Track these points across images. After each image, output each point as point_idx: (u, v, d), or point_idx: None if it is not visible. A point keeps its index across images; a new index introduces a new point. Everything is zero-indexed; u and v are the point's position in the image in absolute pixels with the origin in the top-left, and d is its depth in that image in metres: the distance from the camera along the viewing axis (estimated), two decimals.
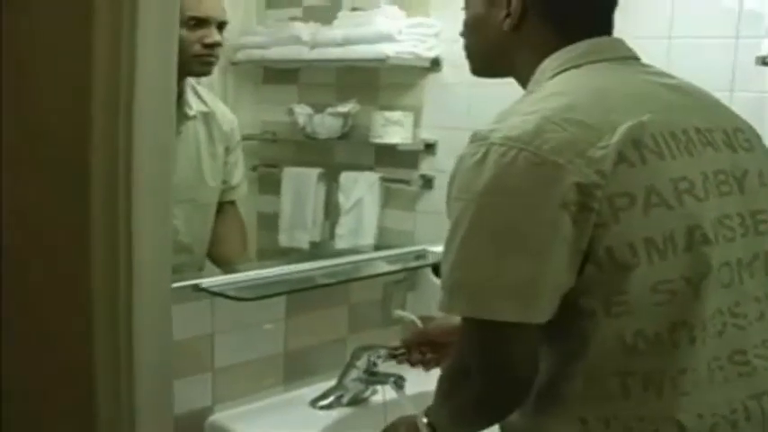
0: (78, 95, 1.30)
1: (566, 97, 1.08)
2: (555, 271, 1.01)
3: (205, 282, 1.60)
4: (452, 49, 2.33)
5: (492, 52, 1.24)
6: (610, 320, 1.04)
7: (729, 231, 1.09)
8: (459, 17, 1.30)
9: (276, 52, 2.59)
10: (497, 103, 2.26)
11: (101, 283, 1.36)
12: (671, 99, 1.15)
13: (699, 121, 1.12)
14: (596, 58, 1.16)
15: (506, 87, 1.27)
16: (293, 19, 2.62)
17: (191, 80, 1.97)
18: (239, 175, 2.14)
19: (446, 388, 1.19)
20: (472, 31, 1.26)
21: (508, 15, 1.18)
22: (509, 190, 1.02)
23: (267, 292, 1.65)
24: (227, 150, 2.08)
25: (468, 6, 1.27)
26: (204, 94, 2.04)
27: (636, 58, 1.22)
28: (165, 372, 1.44)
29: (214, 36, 1.87)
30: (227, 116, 2.12)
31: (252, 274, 1.70)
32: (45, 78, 1.34)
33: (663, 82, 1.18)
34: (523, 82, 1.21)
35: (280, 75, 2.72)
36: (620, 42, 1.22)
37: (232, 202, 2.13)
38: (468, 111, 2.30)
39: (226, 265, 1.97)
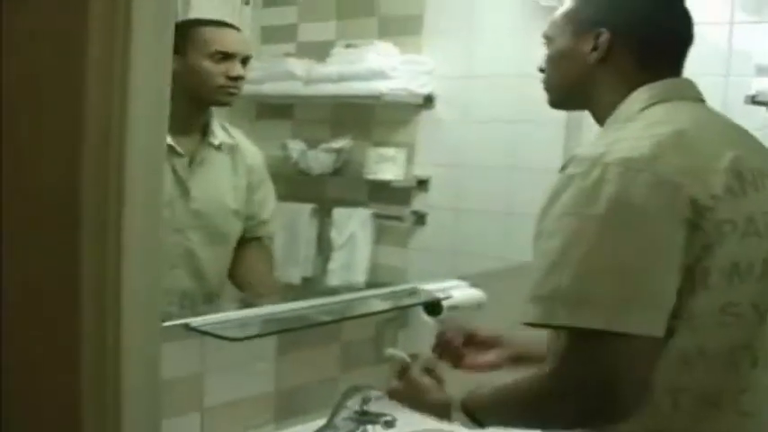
0: (69, 141, 1.30)
1: (671, 126, 1.14)
2: (671, 286, 1.06)
3: (195, 321, 1.59)
4: (445, 86, 2.36)
5: (575, 85, 1.30)
6: (673, 338, 1.08)
7: None
8: (451, 54, 1.33)
9: (270, 88, 2.59)
10: (489, 140, 2.28)
11: (88, 321, 1.35)
12: (744, 139, 1.24)
13: (761, 162, 1.20)
14: (679, 96, 1.24)
15: (499, 125, 1.29)
16: (287, 55, 2.63)
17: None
18: (269, 210, 2.14)
19: (522, 405, 1.18)
20: (557, 64, 1.32)
21: (595, 49, 1.25)
22: (632, 208, 1.06)
23: (258, 332, 1.64)
24: (251, 185, 2.09)
25: (552, 41, 1.33)
26: (230, 128, 2.06)
27: (703, 100, 1.28)
28: (154, 411, 1.42)
29: (238, 70, 1.96)
30: (250, 150, 2.14)
31: (242, 312, 1.68)
32: (34, 126, 1.34)
33: (731, 123, 1.27)
34: (601, 114, 1.27)
35: (273, 110, 2.72)
36: (694, 84, 1.29)
37: (259, 239, 2.12)
38: (461, 148, 2.31)
39: (255, 297, 1.97)
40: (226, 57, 1.94)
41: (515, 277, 1.68)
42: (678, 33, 1.28)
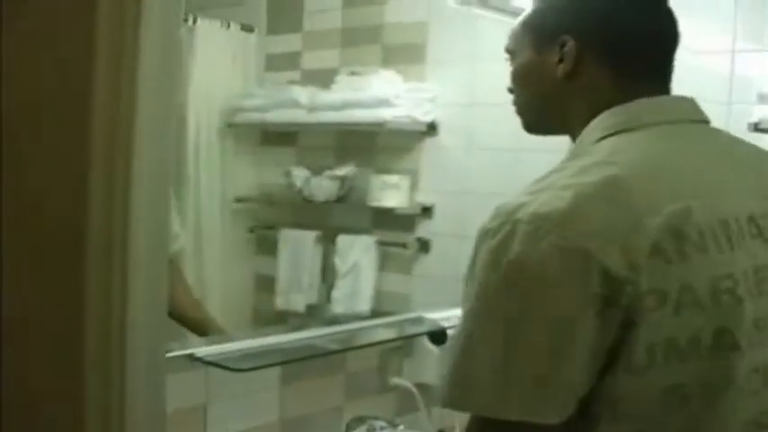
0: (76, 166, 1.31)
1: (611, 169, 0.95)
2: (571, 370, 0.90)
3: (200, 351, 1.59)
4: (448, 114, 2.37)
5: (545, 105, 1.12)
6: (612, 426, 0.94)
7: (762, 335, 0.96)
8: (455, 82, 1.27)
9: (274, 115, 2.61)
10: (493, 168, 2.29)
11: (92, 352, 1.35)
12: (730, 177, 1.01)
13: (755, 206, 0.99)
14: (654, 120, 1.03)
15: (502, 153, 1.25)
16: (291, 82, 2.65)
17: None
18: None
19: None
20: (521, 81, 1.14)
21: (561, 60, 1.06)
22: (531, 276, 0.90)
23: (262, 362, 1.64)
24: None
25: (514, 57, 1.15)
26: None
27: (703, 121, 1.08)
28: None
29: None
30: None
31: (247, 342, 1.68)
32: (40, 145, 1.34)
33: (726, 152, 1.07)
34: (575, 138, 1.09)
35: (278, 137, 2.74)
36: (686, 102, 1.08)
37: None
38: (464, 175, 2.31)
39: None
40: None
41: None
42: (658, 34, 1.08)
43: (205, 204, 2.59)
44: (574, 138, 1.09)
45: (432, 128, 2.35)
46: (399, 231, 2.39)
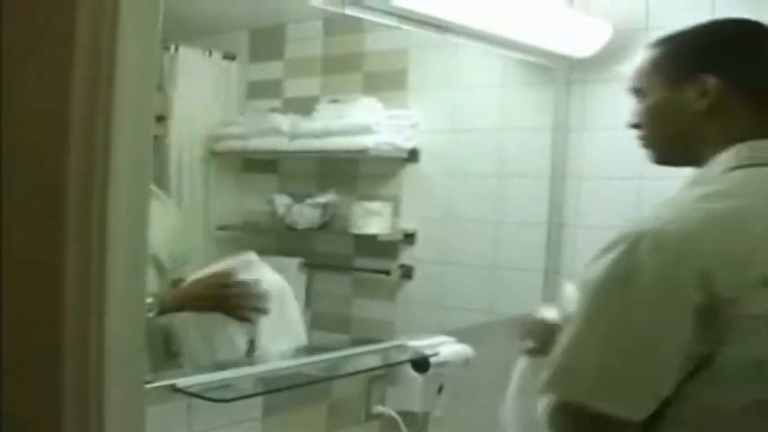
0: (50, 196, 1.30)
1: (736, 200, 1.06)
2: (662, 373, 1.01)
3: (181, 382, 1.57)
4: (429, 141, 2.38)
5: (680, 139, 1.20)
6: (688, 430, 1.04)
7: None
8: (435, 109, 1.29)
9: (256, 143, 2.61)
10: (474, 194, 2.29)
11: (70, 382, 1.33)
12: None
13: None
14: None
15: (484, 179, 1.26)
16: (273, 110, 2.65)
17: None
18: None
19: None
20: (656, 118, 1.22)
21: (702, 96, 1.15)
22: (643, 283, 1.00)
23: (245, 392, 1.63)
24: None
25: (643, 95, 1.23)
26: None
27: None
28: None
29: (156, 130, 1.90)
30: (171, 202, 2.16)
31: (229, 372, 1.67)
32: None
33: None
34: (701, 166, 1.17)
35: (260, 165, 2.74)
36: None
37: None
38: (446, 201, 2.32)
39: None
40: None
41: (503, 331, 1.68)
42: None
43: (188, 232, 2.58)
44: (699, 166, 1.17)
45: (413, 154, 2.36)
46: (382, 258, 2.39)
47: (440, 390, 1.89)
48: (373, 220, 2.35)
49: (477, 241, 2.30)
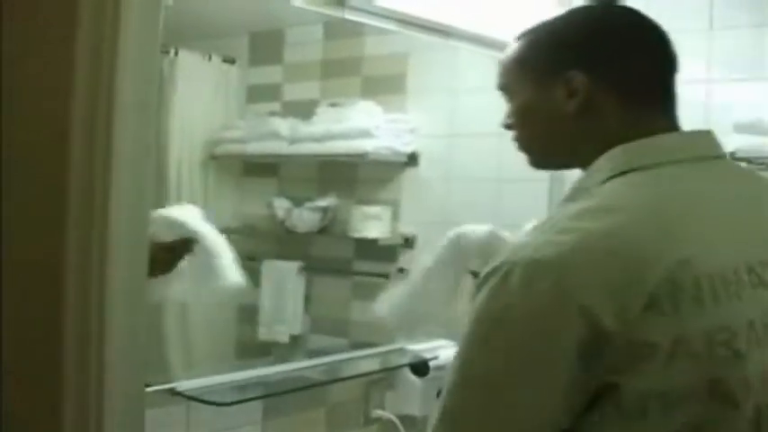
0: (52, 202, 1.30)
1: (615, 216, 0.93)
2: (551, 412, 0.91)
3: (181, 385, 1.58)
4: (429, 145, 2.39)
5: (555, 139, 1.10)
6: None
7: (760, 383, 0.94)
8: (435, 113, 1.27)
9: (256, 147, 2.61)
10: (473, 198, 2.29)
11: (70, 386, 1.33)
12: (737, 222, 0.99)
13: (761, 253, 0.97)
14: (665, 159, 1.00)
15: (483, 183, 1.25)
16: (272, 114, 2.66)
17: None
18: None
19: None
20: (526, 118, 1.12)
21: (571, 95, 1.04)
22: (519, 324, 0.90)
23: (244, 396, 1.63)
24: None
25: (510, 94, 1.15)
26: None
27: (717, 156, 1.05)
28: None
29: None
30: None
31: (229, 376, 1.67)
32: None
33: (738, 193, 1.04)
34: (584, 166, 1.06)
35: (259, 168, 2.74)
36: (703, 137, 1.06)
37: None
38: (445, 205, 2.32)
39: None
40: None
41: None
42: (661, 62, 1.08)
43: None
44: (584, 169, 1.06)
45: (412, 159, 2.36)
46: (381, 262, 2.40)
47: (439, 394, 1.89)
48: (372, 224, 2.35)
49: None
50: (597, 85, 1.04)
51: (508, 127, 1.16)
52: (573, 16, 1.12)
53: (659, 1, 2.09)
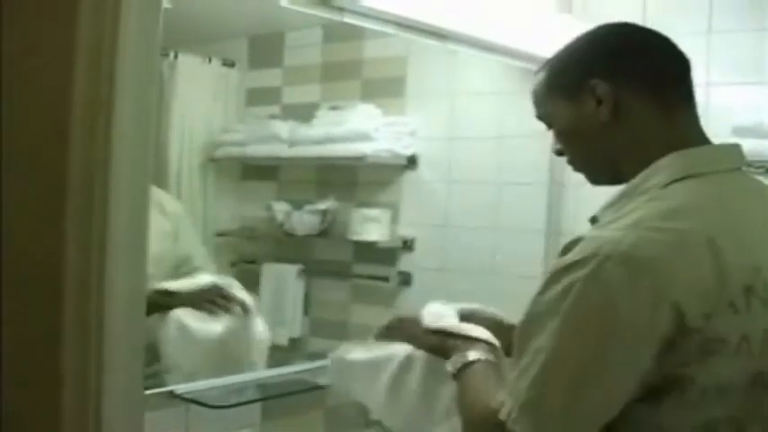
0: (51, 200, 1.30)
1: (701, 220, 1.00)
2: (615, 400, 0.98)
3: (180, 388, 1.58)
4: (428, 148, 2.39)
5: (599, 151, 1.14)
6: None
7: None
8: (434, 115, 1.27)
9: (255, 150, 2.62)
10: (473, 201, 2.29)
11: (69, 390, 1.33)
12: (765, 229, 1.07)
13: None
14: (713, 168, 1.07)
15: (482, 186, 1.25)
16: (272, 117, 2.66)
17: None
18: (200, 257, 2.13)
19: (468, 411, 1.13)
20: (569, 138, 1.17)
21: (599, 103, 1.10)
22: (619, 315, 0.95)
23: (242, 399, 1.63)
24: (176, 233, 2.07)
25: (551, 121, 1.19)
26: None
27: (740, 167, 1.13)
28: None
29: None
30: (167, 197, 2.14)
31: (227, 379, 1.67)
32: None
33: (762, 199, 1.11)
34: (630, 175, 1.10)
35: (259, 171, 2.74)
36: (736, 149, 1.13)
37: None
38: (445, 208, 2.33)
39: None
40: None
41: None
42: (676, 60, 1.13)
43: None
44: (629, 173, 1.10)
45: (412, 161, 2.37)
46: (381, 265, 2.40)
47: None
48: (372, 226, 2.35)
49: (476, 248, 2.30)
50: (621, 89, 1.09)
51: (559, 153, 1.21)
52: (587, 35, 1.18)
53: (659, 4, 2.11)
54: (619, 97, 1.09)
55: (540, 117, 1.21)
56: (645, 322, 0.94)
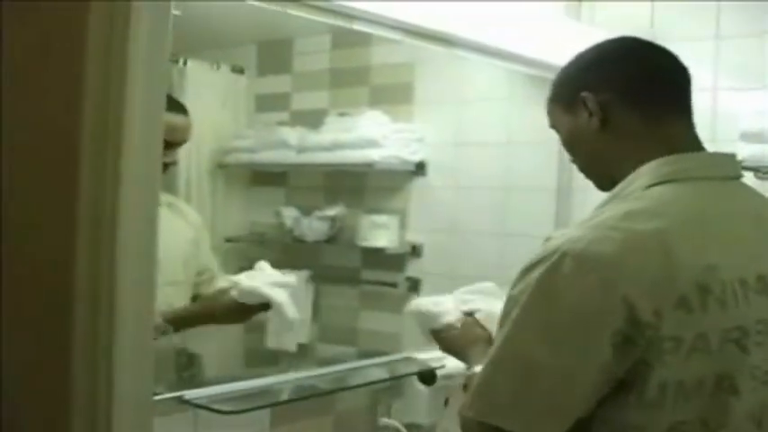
0: (64, 217, 1.31)
1: (660, 220, 1.03)
2: (580, 395, 1.01)
3: (188, 394, 1.58)
4: (436, 154, 2.39)
5: (597, 159, 1.20)
6: None
7: (756, 382, 1.06)
8: (442, 122, 1.30)
9: (264, 156, 2.63)
10: (481, 207, 2.29)
11: (79, 394, 1.34)
12: (752, 238, 1.11)
13: (765, 266, 1.09)
14: (701, 175, 1.12)
15: (490, 192, 1.26)
16: (281, 123, 2.67)
17: None
18: (215, 265, 2.15)
19: None
20: (571, 147, 1.23)
21: (590, 114, 1.16)
22: (566, 308, 1.00)
23: (251, 405, 1.63)
24: (197, 240, 2.09)
25: (558, 131, 1.25)
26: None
27: (736, 177, 1.18)
28: None
29: (173, 157, 1.91)
30: (187, 208, 2.16)
31: (236, 385, 1.68)
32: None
33: (752, 212, 1.14)
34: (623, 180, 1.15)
35: (268, 178, 2.75)
36: (728, 159, 1.18)
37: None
38: (453, 214, 2.33)
39: None
40: (167, 145, 1.91)
41: None
42: (667, 70, 1.18)
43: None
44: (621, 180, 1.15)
45: (420, 167, 2.37)
46: (389, 271, 2.40)
47: (446, 402, 1.89)
48: (380, 232, 2.36)
49: (484, 254, 2.30)
50: (609, 101, 1.15)
51: (573, 161, 1.27)
52: (587, 48, 1.23)
53: (666, 9, 2.11)
54: (607, 108, 1.15)
55: (551, 127, 1.27)
56: (592, 310, 0.99)
